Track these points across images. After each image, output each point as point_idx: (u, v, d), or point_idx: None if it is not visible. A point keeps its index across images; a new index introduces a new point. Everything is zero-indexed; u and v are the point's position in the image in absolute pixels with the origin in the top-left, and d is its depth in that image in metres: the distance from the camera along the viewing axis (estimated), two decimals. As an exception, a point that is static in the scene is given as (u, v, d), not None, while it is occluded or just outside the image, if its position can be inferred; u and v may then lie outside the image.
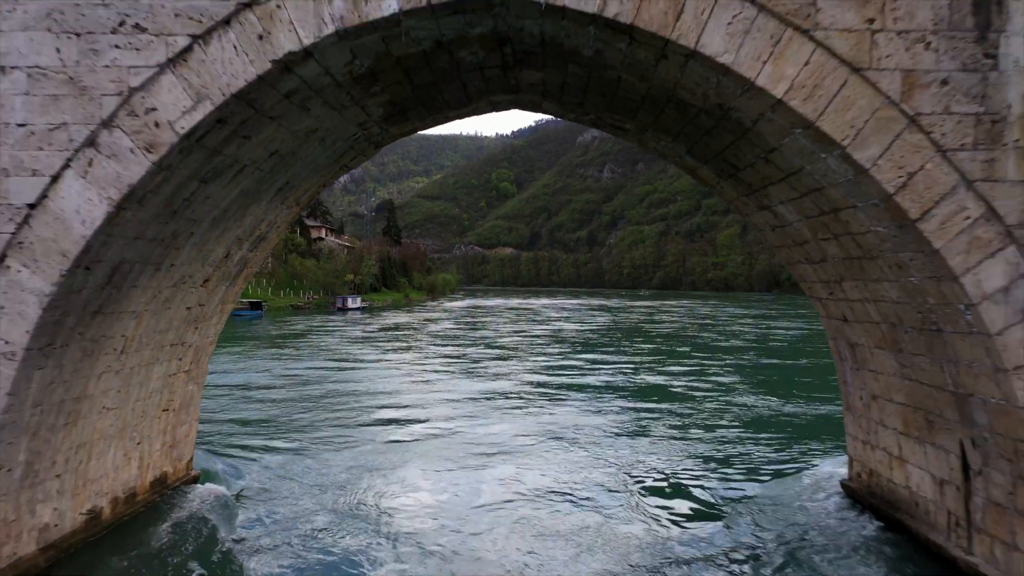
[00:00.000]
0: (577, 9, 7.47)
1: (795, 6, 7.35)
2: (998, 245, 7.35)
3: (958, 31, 7.32)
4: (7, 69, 7.64)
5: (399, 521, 11.27)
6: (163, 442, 11.52)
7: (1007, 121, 7.35)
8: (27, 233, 7.64)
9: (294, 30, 7.50)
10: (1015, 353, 7.37)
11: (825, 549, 10.13)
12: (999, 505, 8.10)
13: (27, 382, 7.86)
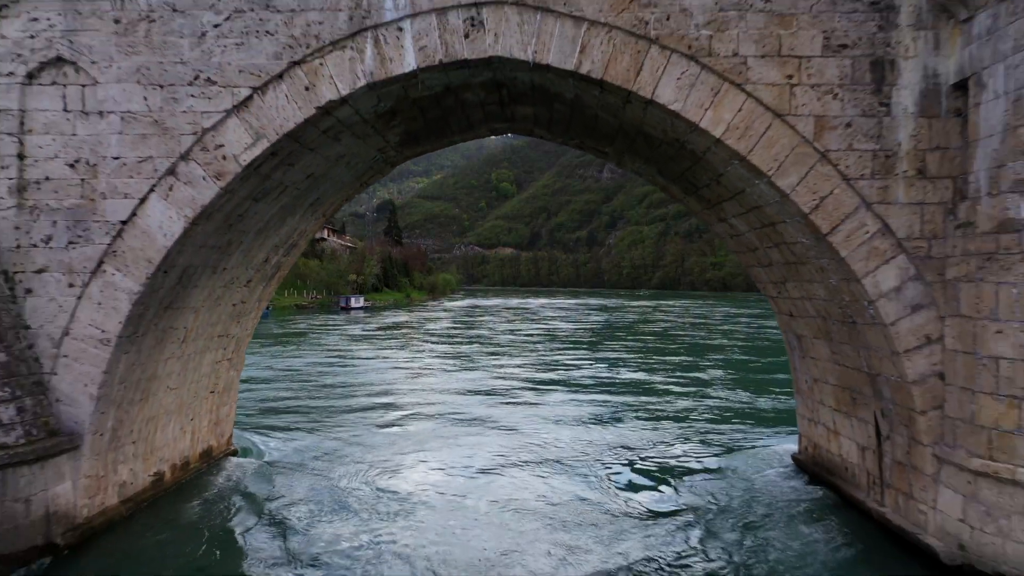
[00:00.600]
0: (558, 67, 9.41)
1: (731, 65, 9.29)
2: (892, 254, 9.27)
3: (859, 85, 9.25)
4: (104, 113, 9.58)
5: (399, 484, 13.16)
6: (210, 420, 13.47)
7: (898, 156, 9.27)
8: (120, 244, 9.58)
9: (334, 83, 9.44)
10: (905, 339, 9.30)
11: (773, 510, 12.01)
12: (900, 463, 10.04)
13: (117, 363, 9.80)
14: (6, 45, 9.59)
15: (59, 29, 9.55)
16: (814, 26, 9.25)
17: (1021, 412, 8.06)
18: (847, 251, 9.32)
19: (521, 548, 10.04)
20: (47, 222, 9.62)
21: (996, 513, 8.25)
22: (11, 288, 9.58)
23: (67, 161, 9.64)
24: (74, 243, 9.59)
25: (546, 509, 11.97)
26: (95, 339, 9.57)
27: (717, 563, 9.81)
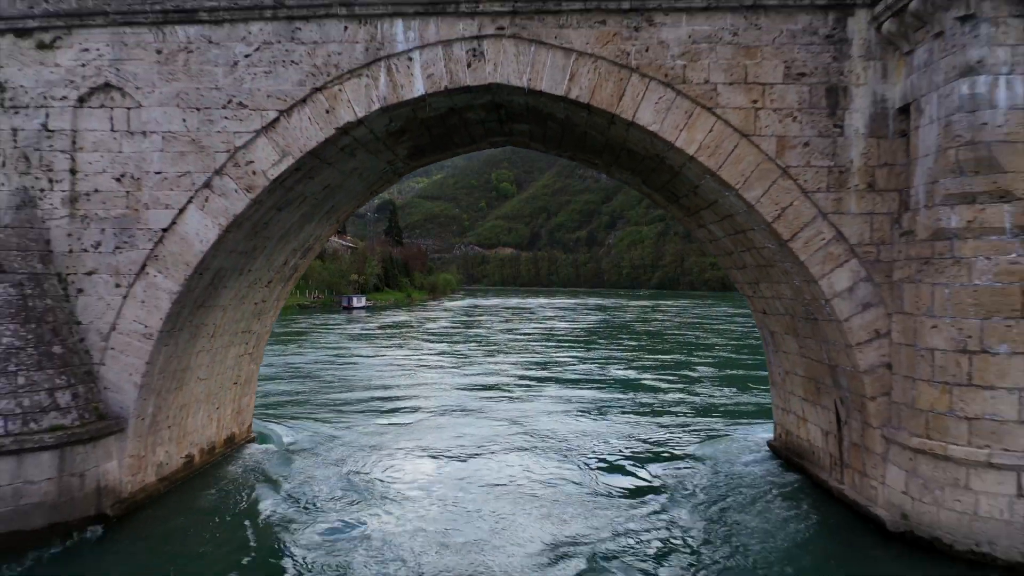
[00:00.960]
0: (550, 92, 10.62)
1: (702, 91, 10.50)
2: (845, 258, 10.48)
3: (816, 109, 10.46)
4: (148, 133, 10.80)
5: (399, 468, 14.34)
6: (232, 408, 14.69)
7: (850, 171, 10.48)
8: (161, 249, 10.79)
9: (351, 106, 10.65)
10: (857, 334, 10.51)
11: (747, 491, 13.18)
12: (856, 445, 11.24)
13: (157, 355, 11.01)
14: (60, 72, 10.81)
15: (107, 58, 10.76)
16: (776, 56, 10.46)
17: (952, 397, 9.28)
18: (806, 256, 10.52)
19: (510, 528, 11.09)
20: (96, 230, 10.84)
21: (932, 485, 9.46)
22: (64, 288, 10.80)
23: (114, 175, 10.86)
24: (120, 248, 10.81)
25: (534, 491, 13.08)
26: (139, 334, 10.79)
27: (694, 537, 10.97)
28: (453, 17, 10.52)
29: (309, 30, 10.63)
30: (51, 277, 10.69)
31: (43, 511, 9.74)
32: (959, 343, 9.17)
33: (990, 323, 8.97)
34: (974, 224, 9.03)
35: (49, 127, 10.84)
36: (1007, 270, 8.91)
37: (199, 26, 10.70)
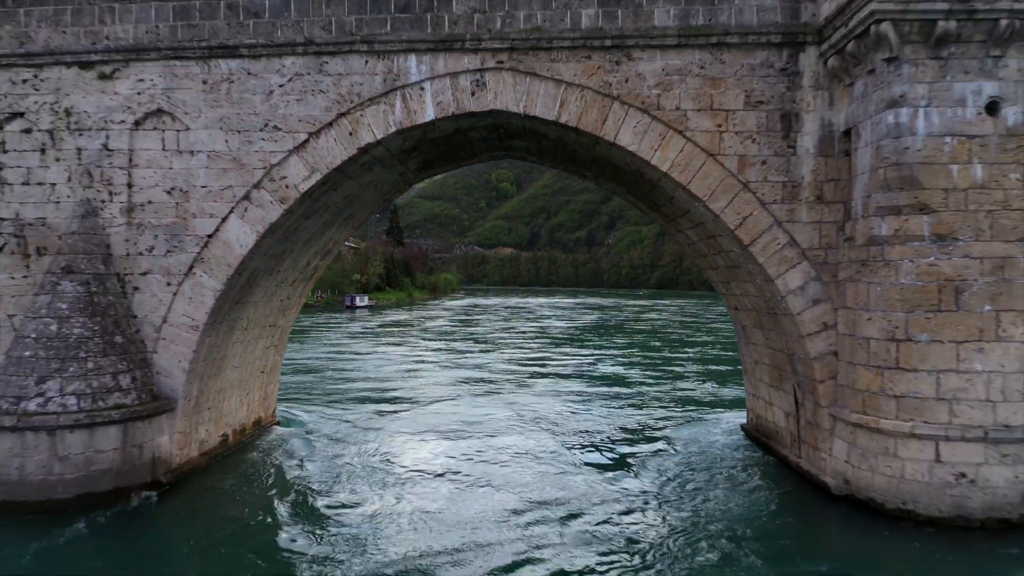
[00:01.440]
0: (543, 117, 12.28)
1: (674, 116, 12.16)
2: (797, 261, 12.14)
3: (772, 132, 12.12)
4: (195, 152, 12.47)
5: (400, 449, 16.00)
6: (260, 395, 16.36)
7: (802, 186, 12.14)
8: (206, 252, 12.46)
9: (371, 129, 12.32)
10: (808, 326, 12.17)
11: (720, 468, 14.81)
12: (810, 423, 12.91)
13: (201, 345, 12.68)
14: (118, 99, 12.49)
15: (160, 87, 12.44)
16: (738, 86, 12.13)
17: (883, 378, 10.95)
18: (764, 258, 12.19)
19: (499, 508, 12.56)
20: (150, 236, 12.51)
21: (868, 454, 11.13)
22: (122, 287, 12.47)
23: (165, 189, 12.53)
24: (171, 252, 12.49)
25: (524, 471, 14.70)
26: (187, 326, 12.46)
27: (666, 502, 12.62)
28: (459, 53, 12.19)
29: (335, 63, 12.30)
30: (111, 277, 12.36)
31: (110, 476, 11.42)
32: (889, 333, 10.84)
33: (913, 316, 10.64)
34: (900, 232, 10.69)
35: (109, 147, 12.51)
36: (927, 271, 10.58)
37: (240, 60, 12.37)
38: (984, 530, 10.35)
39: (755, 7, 11.99)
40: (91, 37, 12.47)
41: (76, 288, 11.86)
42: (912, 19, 10.18)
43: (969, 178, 10.41)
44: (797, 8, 11.99)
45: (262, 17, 12.28)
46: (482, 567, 9.71)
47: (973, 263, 10.45)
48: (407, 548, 10.29)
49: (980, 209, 10.41)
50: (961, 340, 10.47)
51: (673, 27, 12.00)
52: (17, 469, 10.95)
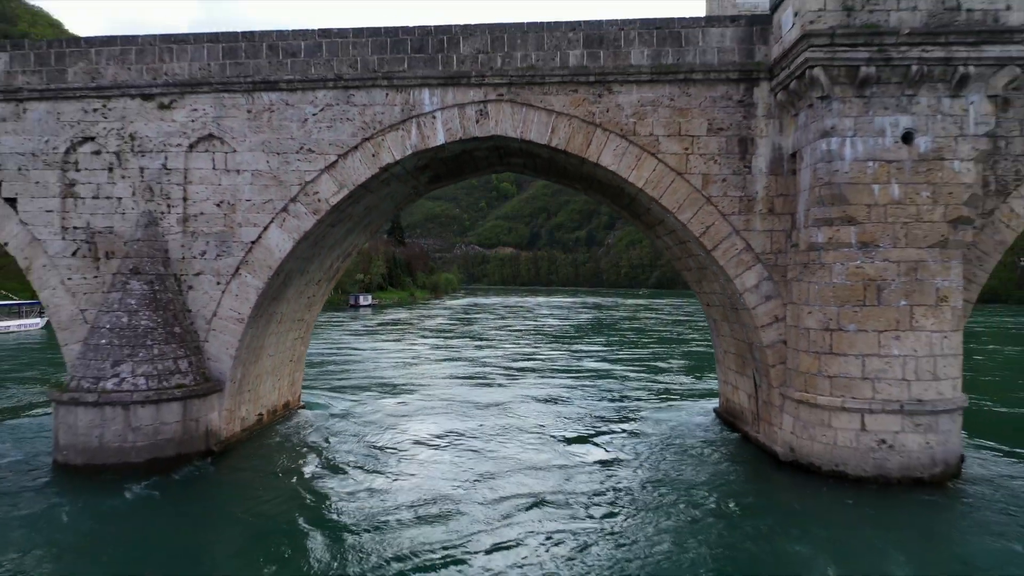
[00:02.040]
0: (537, 141, 14.45)
1: (648, 141, 14.32)
2: (752, 263, 14.31)
3: (731, 154, 14.29)
4: (240, 171, 14.64)
5: (407, 426, 18.15)
6: (288, 381, 18.54)
7: (756, 200, 14.31)
8: (250, 256, 14.63)
9: (391, 151, 14.49)
10: (762, 319, 14.34)
11: (694, 444, 16.95)
12: (766, 402, 15.08)
13: (245, 335, 14.85)
14: (175, 126, 14.66)
15: (211, 116, 14.61)
16: (702, 116, 14.30)
17: (820, 362, 13.11)
18: (724, 261, 14.36)
19: (491, 475, 14.73)
20: (202, 242, 14.69)
21: (808, 426, 13.30)
22: (179, 285, 14.65)
23: (215, 202, 14.70)
24: (220, 256, 14.66)
25: (512, 446, 16.86)
26: (233, 319, 14.64)
27: (644, 471, 14.75)
28: (465, 87, 14.36)
29: (360, 96, 14.47)
30: (170, 277, 14.54)
31: (173, 444, 13.61)
32: (824, 323, 13.01)
33: (843, 309, 12.81)
34: (832, 240, 12.86)
35: (167, 166, 14.69)
36: (854, 272, 12.75)
37: (279, 92, 14.55)
38: (900, 487, 12.53)
39: (716, 48, 14.17)
40: (152, 73, 14.64)
41: (142, 286, 14.04)
42: (839, 65, 12.35)
43: (888, 195, 12.58)
44: (751, 49, 14.16)
45: (298, 57, 14.45)
46: (469, 514, 11.90)
47: (891, 266, 12.63)
48: (409, 498, 12.53)
49: (897, 221, 12.58)
50: (882, 329, 12.65)
51: (647, 65, 14.18)
52: (97, 438, 13.13)
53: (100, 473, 13.11)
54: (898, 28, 12.19)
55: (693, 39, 14.21)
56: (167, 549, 10.32)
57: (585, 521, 11.72)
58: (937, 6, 12.21)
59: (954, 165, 12.52)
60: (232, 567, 9.89)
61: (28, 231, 14.91)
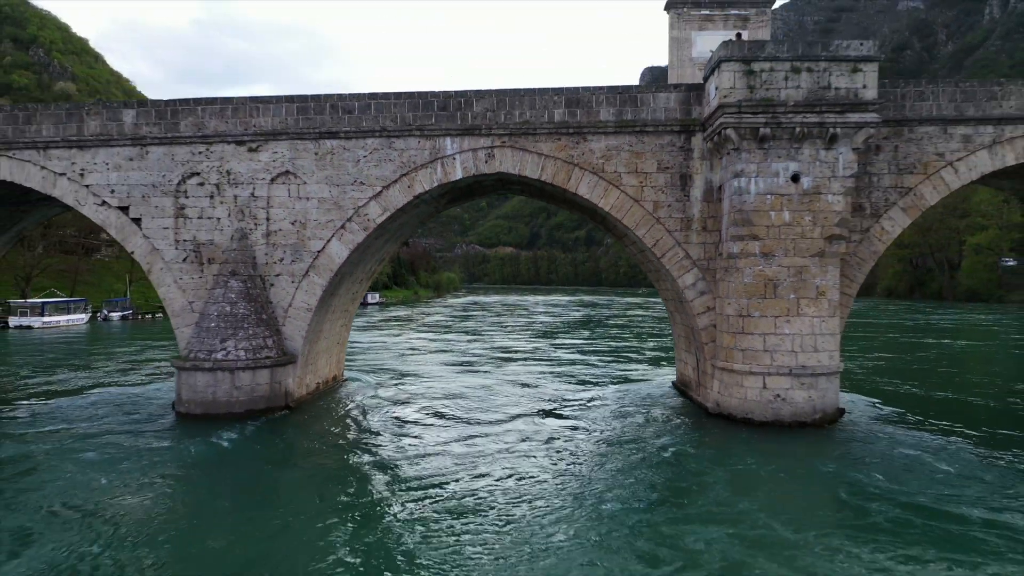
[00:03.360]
0: (531, 176, 19.42)
1: (613, 176, 19.28)
2: (690, 267, 19.28)
3: (675, 187, 19.25)
4: (309, 198, 19.62)
5: (427, 393, 23.14)
6: (336, 359, 23.55)
7: (693, 220, 19.26)
8: (316, 262, 19.62)
9: (422, 184, 19.46)
10: (698, 308, 19.31)
11: (648, 404, 21.92)
12: (703, 371, 20.06)
13: (311, 321, 19.84)
14: (260, 164, 19.64)
15: (287, 157, 19.59)
16: (653, 157, 19.26)
17: (735, 339, 18.07)
18: (670, 266, 19.33)
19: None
20: (281, 251, 19.67)
21: (728, 386, 18.27)
22: (264, 284, 19.62)
23: (290, 221, 19.69)
24: (294, 262, 19.64)
25: (499, 408, 21.89)
26: (303, 308, 19.61)
27: (605, 425, 19.66)
28: (477, 136, 19.33)
29: (399, 143, 19.44)
30: (257, 277, 19.52)
31: (263, 400, 18.59)
32: (738, 311, 17.98)
33: (751, 301, 17.77)
34: (743, 251, 17.82)
35: (255, 194, 19.67)
36: (758, 274, 17.71)
37: (339, 139, 19.52)
38: (791, 429, 17.49)
39: (663, 108, 19.15)
40: (244, 125, 19.62)
41: (239, 284, 19.03)
42: (745, 126, 17.32)
43: (781, 219, 17.56)
44: (690, 108, 19.14)
45: (352, 113, 19.43)
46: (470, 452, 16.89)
47: (784, 269, 17.60)
48: (428, 439, 17.54)
49: (787, 237, 17.55)
50: (777, 315, 17.63)
51: (612, 121, 19.16)
52: (211, 394, 18.12)
53: (213, 419, 18.10)
54: (786, 101, 17.17)
55: (646, 101, 19.21)
56: (259, 467, 15.18)
57: (554, 458, 16.68)
58: (813, 85, 17.19)
59: (828, 198, 17.50)
60: (300, 481, 14.66)
61: (149, 243, 19.90)
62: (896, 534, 11.06)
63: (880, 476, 14.09)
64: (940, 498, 12.74)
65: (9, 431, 17.81)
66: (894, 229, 19.16)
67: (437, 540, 10.85)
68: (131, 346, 41.34)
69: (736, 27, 24.81)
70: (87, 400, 22.04)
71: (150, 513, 11.91)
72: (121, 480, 13.73)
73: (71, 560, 10.02)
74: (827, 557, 10.18)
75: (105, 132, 19.86)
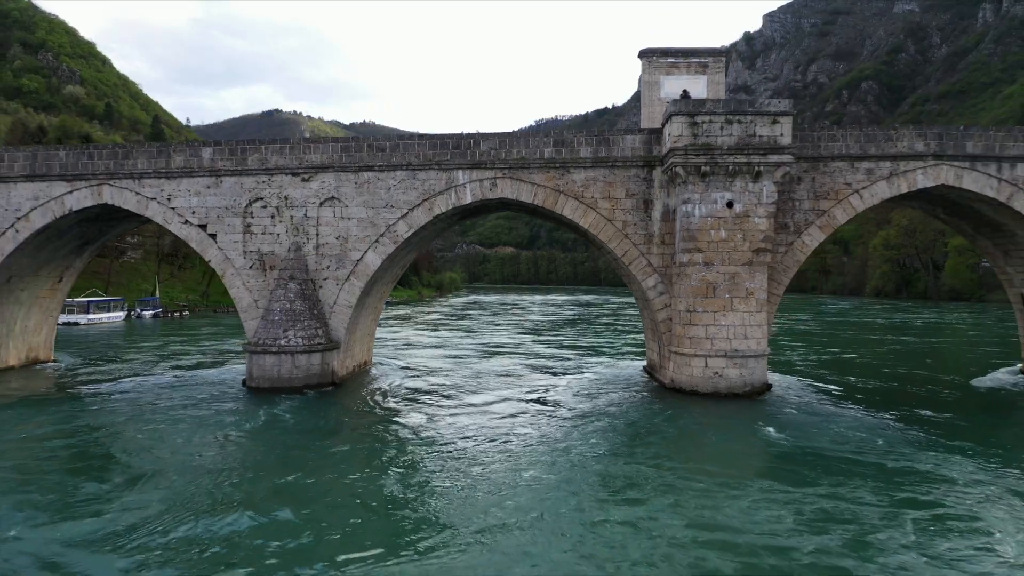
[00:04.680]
0: (526, 201, 24.58)
1: (591, 201, 24.42)
2: (652, 273, 24.41)
3: (639, 209, 24.38)
4: (350, 219, 24.79)
5: (436, 374, 28.28)
6: (367, 347, 28.74)
7: (654, 236, 24.39)
8: (356, 269, 24.79)
9: (439, 207, 24.62)
10: (657, 305, 24.47)
11: (620, 383, 27.05)
12: (663, 355, 25.22)
13: (351, 316, 25.01)
14: (311, 191, 24.80)
15: (332, 185, 24.76)
16: (622, 186, 24.40)
17: (685, 330, 23.22)
18: (636, 271, 24.48)
19: (484, 413, 25.03)
20: (327, 260, 24.84)
21: (679, 366, 23.42)
22: (314, 286, 24.79)
23: (335, 237, 24.86)
24: (338, 269, 24.81)
25: (495, 394, 27.04)
26: (345, 305, 24.78)
27: (583, 401, 24.76)
28: (483, 169, 24.46)
29: (421, 174, 24.59)
30: (310, 281, 24.68)
31: (315, 377, 23.77)
32: (687, 307, 23.11)
33: (696, 299, 22.90)
34: (690, 261, 22.94)
35: (307, 215, 24.82)
36: (701, 279, 22.84)
37: (373, 172, 24.67)
38: (726, 399, 22.62)
39: (630, 147, 24.29)
40: (298, 160, 24.77)
41: (296, 286, 24.18)
42: (690, 164, 22.44)
43: (719, 236, 22.67)
44: (651, 148, 24.28)
45: (384, 151, 24.58)
46: (479, 422, 22.05)
47: (720, 275, 22.73)
48: (439, 411, 22.69)
49: (723, 250, 22.67)
50: (715, 311, 22.76)
51: (589, 157, 24.29)
52: (276, 372, 23.29)
53: (277, 391, 23.24)
54: (722, 146, 22.30)
55: (616, 142, 24.36)
56: (315, 424, 20.23)
57: (543, 420, 21.84)
58: (743, 133, 22.31)
59: (755, 220, 22.63)
60: (347, 435, 19.81)
61: (223, 253, 25.05)
62: (790, 471, 16.10)
63: (787, 433, 19.15)
64: (829, 447, 17.73)
65: (115, 405, 22.99)
66: (812, 243, 24.32)
67: (451, 476, 16.01)
68: (173, 338, 46.51)
69: (697, 72, 29.94)
70: (166, 380, 27.20)
71: (240, 457, 16.94)
72: (222, 433, 18.85)
73: (191, 489, 15.19)
74: (736, 483, 15.35)
75: (188, 166, 25.02)
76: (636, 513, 12.64)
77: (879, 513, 12.54)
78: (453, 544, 11.19)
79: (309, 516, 12.37)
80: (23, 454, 16.92)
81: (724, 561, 10.51)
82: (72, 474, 15.07)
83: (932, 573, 10.20)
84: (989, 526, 12.05)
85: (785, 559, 10.62)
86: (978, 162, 23.96)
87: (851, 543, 11.15)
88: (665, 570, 10.27)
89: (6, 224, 25.52)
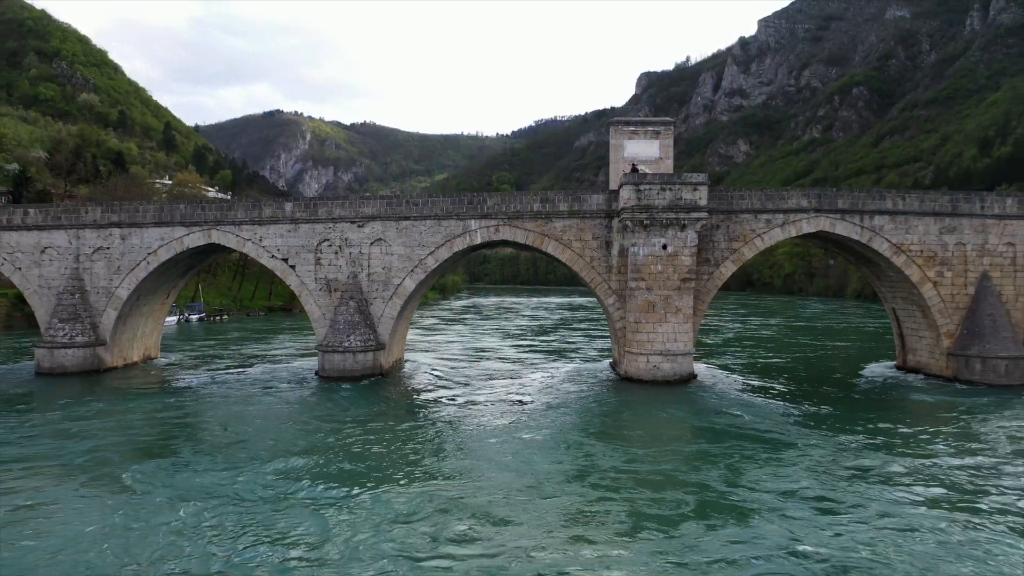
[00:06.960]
0: (522, 242, 33.96)
1: (567, 241, 33.77)
2: (611, 294, 33.76)
3: (602, 248, 33.71)
4: (393, 254, 34.18)
5: (457, 368, 37.54)
6: (402, 346, 38.19)
7: (613, 267, 33.72)
8: (397, 291, 34.19)
9: (458, 246, 34.00)
10: (615, 317, 33.81)
11: (587, 376, 36.34)
12: (621, 354, 34.58)
13: (392, 326, 34.40)
14: (364, 234, 34.19)
15: (379, 230, 34.16)
16: (590, 231, 33.76)
17: (634, 336, 32.58)
18: (600, 293, 33.85)
19: (491, 397, 34.32)
20: (376, 285, 34.25)
21: (631, 362, 32.81)
22: (367, 304, 34.18)
23: (381, 267, 34.26)
24: (384, 291, 34.22)
25: (494, 381, 36.34)
26: (389, 318, 34.19)
27: (552, 389, 34.05)
28: (489, 219, 33.82)
29: (444, 222, 33.94)
30: (364, 299, 34.06)
31: (369, 370, 33.18)
32: (635, 320, 32.46)
33: (641, 314, 32.26)
34: (637, 286, 32.26)
35: (361, 252, 34.20)
36: (644, 299, 32.18)
37: (409, 220, 34.03)
38: (663, 385, 31.96)
39: (596, 203, 33.66)
40: (355, 211, 34.12)
41: (354, 304, 33.55)
42: (636, 218, 31.74)
43: (657, 269, 32.00)
44: (611, 204, 33.65)
45: (418, 206, 33.95)
46: (487, 411, 31.47)
47: (658, 297, 32.07)
48: (461, 392, 32.10)
49: (660, 279, 31.99)
50: (654, 322, 32.12)
51: (566, 209, 33.65)
52: (342, 365, 32.71)
53: (342, 379, 32.58)
54: (658, 206, 31.60)
55: (586, 199, 33.72)
56: (368, 403, 29.58)
57: (526, 401, 31.18)
58: (673, 197, 31.61)
59: (682, 258, 31.94)
60: (393, 409, 29.15)
61: (299, 280, 34.40)
62: (690, 427, 25.51)
63: (702, 408, 28.42)
64: (724, 416, 27.11)
65: (227, 389, 32.32)
66: (727, 272, 33.69)
67: (464, 436, 25.40)
68: (234, 338, 55.78)
69: (652, 137, 39.23)
70: (249, 372, 36.50)
71: (320, 424, 26.23)
72: (307, 410, 28.18)
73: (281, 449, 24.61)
74: (660, 443, 24.77)
75: (274, 216, 34.38)
76: (586, 450, 22.03)
77: (744, 455, 21.83)
78: (470, 473, 20.58)
79: (368, 459, 21.80)
80: (186, 430, 26.31)
81: (624, 474, 19.89)
82: (209, 440, 24.41)
83: (765, 495, 19.59)
84: (826, 490, 21.47)
85: (671, 478, 19.99)
86: (847, 214, 33.32)
87: (722, 478, 20.49)
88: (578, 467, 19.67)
89: (140, 258, 34.88)
